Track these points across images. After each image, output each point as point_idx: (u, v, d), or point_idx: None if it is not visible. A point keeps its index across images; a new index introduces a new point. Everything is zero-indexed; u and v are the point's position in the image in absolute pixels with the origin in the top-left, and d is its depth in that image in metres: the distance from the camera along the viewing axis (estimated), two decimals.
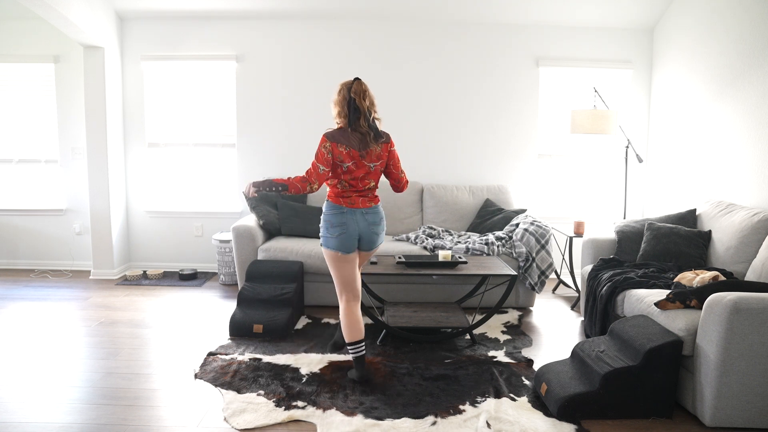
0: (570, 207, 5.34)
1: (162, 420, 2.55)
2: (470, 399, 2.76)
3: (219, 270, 5.03)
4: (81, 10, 4.47)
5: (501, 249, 4.21)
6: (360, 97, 2.78)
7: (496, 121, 5.21)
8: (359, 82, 2.81)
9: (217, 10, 5.01)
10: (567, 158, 5.30)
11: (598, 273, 3.61)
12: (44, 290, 4.72)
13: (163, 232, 5.41)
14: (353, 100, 2.77)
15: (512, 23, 5.11)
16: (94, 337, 3.61)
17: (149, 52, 5.18)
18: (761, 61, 3.69)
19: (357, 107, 2.78)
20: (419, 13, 5.05)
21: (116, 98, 5.13)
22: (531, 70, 5.16)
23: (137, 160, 5.33)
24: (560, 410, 2.56)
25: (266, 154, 5.25)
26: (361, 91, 2.79)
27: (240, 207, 5.28)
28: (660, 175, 4.98)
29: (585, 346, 2.87)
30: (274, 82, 5.19)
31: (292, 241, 4.33)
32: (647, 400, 2.58)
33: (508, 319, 4.05)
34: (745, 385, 2.46)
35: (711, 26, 4.25)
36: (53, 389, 2.84)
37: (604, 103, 4.72)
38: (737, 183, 3.92)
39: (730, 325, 2.41)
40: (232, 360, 3.21)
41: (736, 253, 3.35)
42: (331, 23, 5.12)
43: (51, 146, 5.36)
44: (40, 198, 5.45)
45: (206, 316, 4.08)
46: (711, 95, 4.24)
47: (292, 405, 2.67)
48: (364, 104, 2.78)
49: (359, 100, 2.78)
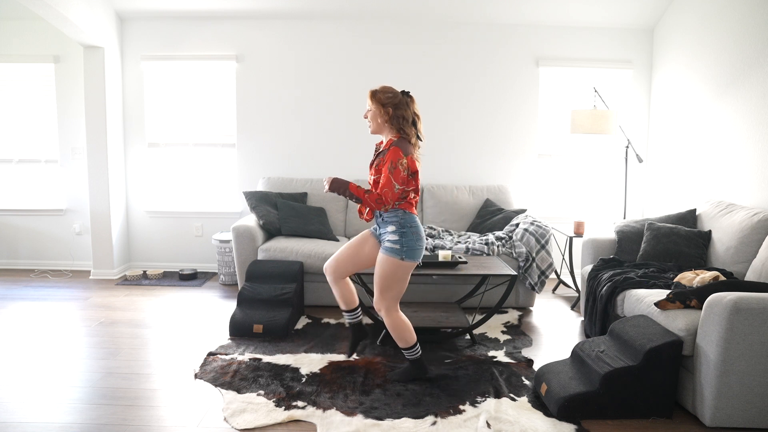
0: (570, 207, 5.34)
1: (162, 420, 2.55)
2: (470, 399, 2.76)
3: (219, 270, 5.03)
4: (81, 10, 4.47)
5: (501, 249, 4.21)
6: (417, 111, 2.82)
7: (496, 120, 5.22)
8: (413, 98, 2.81)
9: (217, 10, 5.01)
10: (567, 158, 5.30)
11: (598, 273, 3.61)
12: (44, 290, 4.72)
13: (163, 232, 5.41)
14: (414, 113, 2.79)
15: (512, 23, 5.11)
16: (94, 337, 3.61)
17: (149, 52, 5.18)
18: (762, 61, 3.69)
19: (417, 120, 2.80)
20: (419, 13, 5.05)
21: (116, 98, 5.13)
22: (531, 69, 5.16)
23: (137, 160, 5.33)
24: (560, 410, 2.56)
25: (266, 154, 5.25)
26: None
27: (240, 207, 5.28)
28: (660, 175, 4.98)
29: (585, 346, 2.87)
30: (274, 82, 5.19)
31: (292, 241, 4.33)
32: (647, 400, 2.58)
33: (508, 319, 4.05)
34: (745, 385, 2.46)
35: (711, 26, 4.24)
36: (53, 389, 2.83)
37: (604, 103, 4.72)
38: (737, 183, 3.92)
39: (730, 325, 2.41)
40: (232, 360, 3.21)
41: (736, 253, 3.35)
42: (330, 23, 5.12)
43: (51, 146, 5.36)
44: (40, 198, 5.45)
45: (206, 316, 4.08)
46: (711, 95, 4.24)
47: (292, 405, 2.67)
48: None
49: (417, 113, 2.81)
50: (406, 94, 2.79)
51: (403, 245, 2.72)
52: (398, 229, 2.73)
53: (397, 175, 2.65)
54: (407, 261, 2.73)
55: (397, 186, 2.66)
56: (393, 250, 2.72)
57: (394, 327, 2.86)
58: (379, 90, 2.79)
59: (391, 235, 2.74)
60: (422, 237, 2.79)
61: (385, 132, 2.84)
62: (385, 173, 2.68)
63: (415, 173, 2.74)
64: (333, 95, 5.20)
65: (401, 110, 2.75)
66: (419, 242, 2.76)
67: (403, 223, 2.74)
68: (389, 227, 2.76)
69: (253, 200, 4.63)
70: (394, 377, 2.97)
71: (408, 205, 2.77)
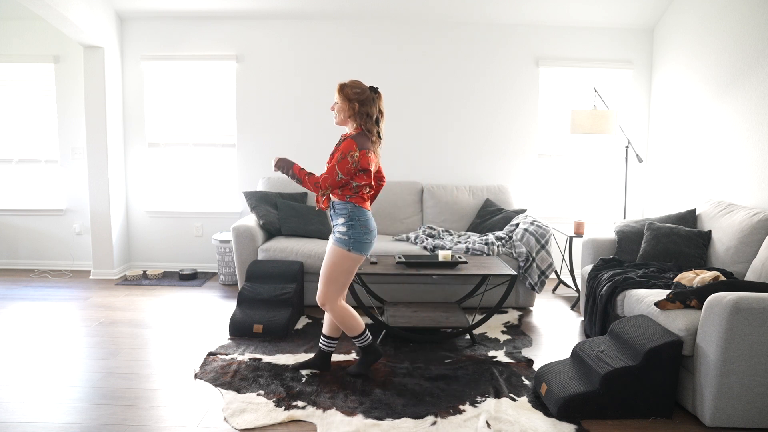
0: (570, 207, 5.34)
1: (162, 420, 2.55)
2: (470, 399, 2.76)
3: (219, 270, 5.03)
4: (81, 10, 4.47)
5: (501, 249, 4.21)
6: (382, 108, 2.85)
7: (495, 120, 5.22)
8: (380, 95, 2.85)
9: (217, 10, 5.01)
10: (567, 158, 5.30)
11: (598, 273, 3.61)
12: (44, 290, 4.72)
13: (163, 232, 5.41)
14: (379, 110, 2.83)
15: (512, 23, 5.11)
16: (94, 337, 3.61)
17: (149, 52, 5.18)
18: (762, 61, 3.69)
19: (380, 118, 2.84)
20: (419, 13, 5.05)
21: (116, 98, 5.13)
22: (531, 69, 5.16)
23: (137, 160, 5.33)
24: (560, 410, 2.56)
25: (266, 154, 5.24)
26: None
27: (240, 207, 5.28)
28: (660, 175, 4.98)
29: (585, 346, 2.87)
30: (274, 82, 5.19)
31: (292, 241, 4.33)
32: (647, 400, 2.58)
33: (508, 319, 4.05)
34: (745, 385, 2.46)
35: (711, 26, 4.24)
36: (53, 389, 2.83)
37: (604, 103, 4.72)
38: (737, 183, 3.92)
39: (730, 325, 2.41)
40: (232, 360, 3.21)
41: (736, 253, 3.35)
42: (331, 23, 5.12)
43: (51, 146, 5.36)
44: (40, 198, 5.45)
45: (206, 316, 4.08)
46: (711, 95, 4.24)
47: (292, 405, 2.67)
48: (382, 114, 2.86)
49: (382, 110, 2.85)
50: (374, 90, 2.83)
51: (351, 237, 2.78)
52: (347, 221, 2.79)
53: (343, 165, 2.70)
54: (354, 253, 2.79)
55: (340, 175, 2.71)
56: (341, 241, 2.79)
57: (340, 317, 2.90)
58: (348, 84, 2.83)
59: (341, 227, 2.81)
60: (371, 232, 2.84)
61: (349, 125, 2.88)
62: (332, 161, 2.77)
63: (367, 170, 2.76)
64: (333, 95, 5.17)
65: (366, 107, 2.79)
66: (368, 236, 2.81)
67: (351, 215, 2.80)
68: (339, 219, 2.83)
69: (253, 200, 4.63)
70: (353, 371, 3.00)
71: (360, 199, 2.82)
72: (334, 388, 2.86)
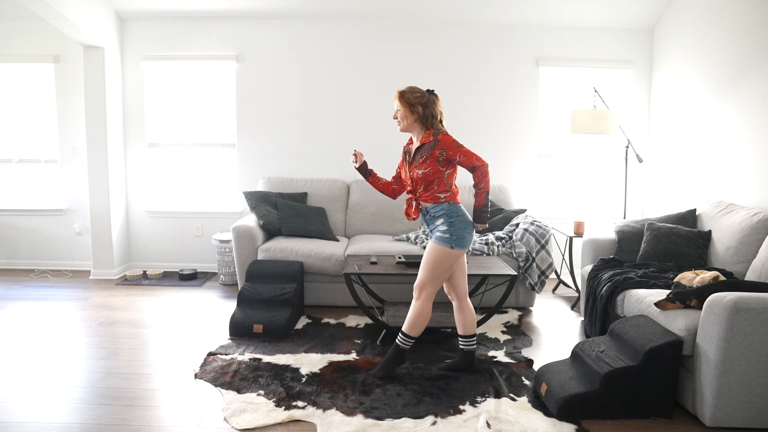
0: (570, 207, 5.34)
1: (162, 420, 2.55)
2: (470, 399, 2.76)
3: (219, 270, 5.03)
4: (81, 10, 4.47)
5: (501, 249, 4.21)
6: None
7: (495, 120, 5.21)
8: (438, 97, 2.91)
9: (217, 10, 5.01)
10: (567, 158, 5.30)
11: (598, 273, 3.61)
12: (44, 290, 4.72)
13: (163, 232, 5.41)
14: (440, 111, 2.90)
15: (512, 23, 5.11)
16: (94, 337, 3.61)
17: (149, 52, 5.18)
18: (762, 61, 3.69)
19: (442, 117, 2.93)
20: (419, 13, 5.05)
21: (116, 98, 5.13)
22: (531, 69, 5.16)
23: (137, 160, 5.33)
24: (560, 410, 2.56)
25: (266, 154, 5.25)
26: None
27: (240, 207, 5.28)
28: (660, 175, 4.98)
29: (585, 346, 2.87)
30: (274, 82, 5.19)
31: (292, 241, 4.33)
32: (647, 400, 2.58)
33: (508, 319, 4.05)
34: (745, 385, 2.46)
35: (711, 26, 4.24)
36: (53, 389, 2.83)
37: (604, 103, 4.72)
38: (737, 183, 3.92)
39: (730, 325, 2.41)
40: (232, 360, 3.21)
41: (736, 253, 3.35)
42: (330, 23, 5.12)
43: (51, 146, 5.36)
44: (40, 198, 5.45)
45: (206, 316, 4.08)
46: (711, 95, 4.24)
47: (292, 405, 2.67)
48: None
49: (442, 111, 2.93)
50: (431, 93, 2.89)
51: (453, 234, 2.82)
52: (446, 220, 2.84)
53: (466, 149, 2.82)
54: (457, 249, 2.82)
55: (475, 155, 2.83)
56: (443, 239, 2.82)
57: (419, 313, 2.92)
58: (407, 90, 2.88)
59: (442, 227, 2.84)
60: (471, 224, 2.88)
61: (415, 130, 2.92)
62: (460, 151, 2.82)
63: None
64: (333, 95, 5.20)
65: (430, 108, 2.86)
66: (467, 229, 2.86)
67: (450, 213, 2.85)
68: (437, 221, 2.87)
69: (253, 200, 4.63)
70: (378, 374, 2.99)
71: (452, 195, 2.89)
72: (334, 388, 2.86)
